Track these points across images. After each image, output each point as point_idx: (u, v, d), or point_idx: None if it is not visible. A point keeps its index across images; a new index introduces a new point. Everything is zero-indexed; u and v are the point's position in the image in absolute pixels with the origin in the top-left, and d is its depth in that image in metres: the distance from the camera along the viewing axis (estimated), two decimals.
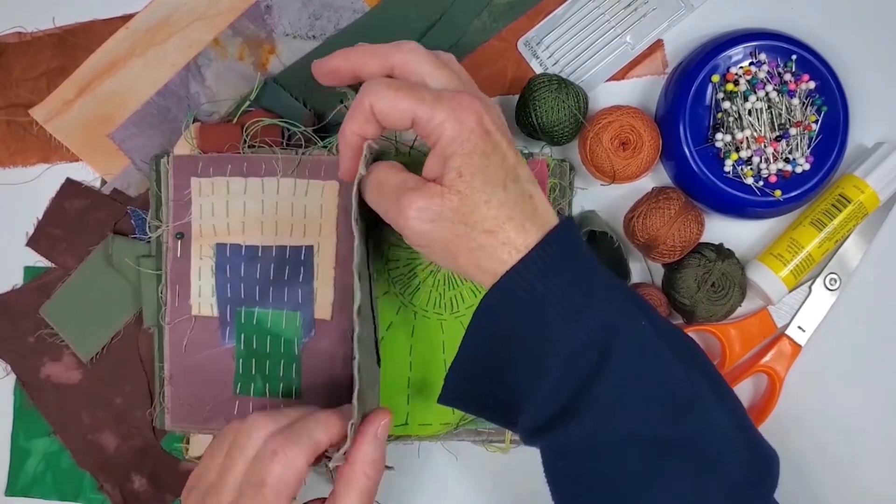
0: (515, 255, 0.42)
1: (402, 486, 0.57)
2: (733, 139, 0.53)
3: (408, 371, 0.54)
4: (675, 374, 0.42)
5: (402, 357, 0.54)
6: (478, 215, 0.42)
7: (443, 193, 0.42)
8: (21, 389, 0.58)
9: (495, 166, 0.42)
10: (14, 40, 0.58)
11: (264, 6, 0.58)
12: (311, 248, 0.54)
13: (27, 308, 0.57)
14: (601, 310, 0.42)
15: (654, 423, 0.42)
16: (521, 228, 0.42)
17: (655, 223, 0.53)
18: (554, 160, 0.56)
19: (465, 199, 0.42)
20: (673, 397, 0.42)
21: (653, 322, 0.43)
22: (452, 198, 0.42)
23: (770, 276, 0.55)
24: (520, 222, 0.42)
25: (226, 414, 0.54)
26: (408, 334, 0.55)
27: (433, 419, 0.54)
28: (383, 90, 0.43)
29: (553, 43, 0.57)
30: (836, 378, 0.58)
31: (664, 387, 0.42)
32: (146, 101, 0.58)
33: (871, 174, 0.55)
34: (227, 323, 0.54)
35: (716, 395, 0.44)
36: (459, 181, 0.42)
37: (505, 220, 0.42)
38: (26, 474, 0.57)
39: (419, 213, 0.42)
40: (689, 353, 0.45)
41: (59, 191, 0.58)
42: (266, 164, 0.54)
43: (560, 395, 0.42)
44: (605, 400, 0.41)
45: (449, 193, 0.42)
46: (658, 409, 0.42)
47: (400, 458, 0.56)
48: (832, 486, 0.57)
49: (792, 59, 0.54)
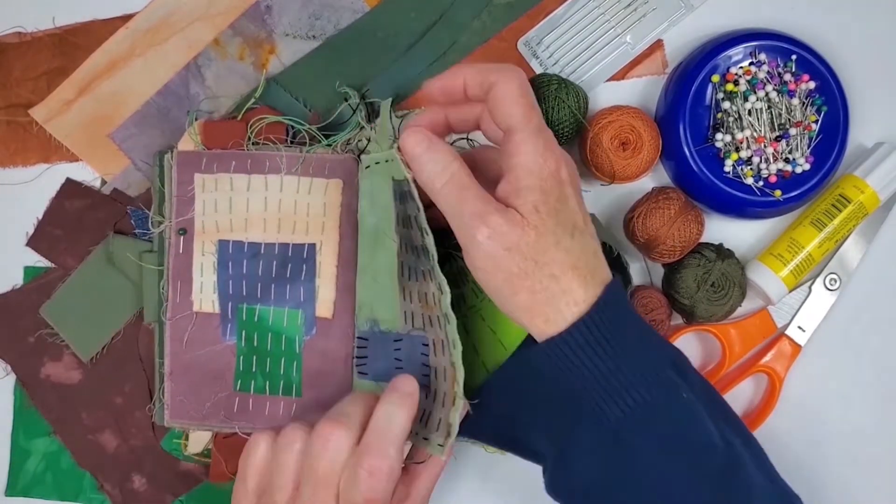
0: (574, 308, 0.41)
1: None
2: (733, 139, 0.54)
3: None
4: (714, 438, 0.42)
5: None
6: (548, 256, 0.41)
7: (523, 224, 0.41)
8: (21, 389, 0.58)
9: (565, 214, 0.42)
10: (14, 40, 0.58)
11: (264, 6, 0.58)
12: (314, 245, 0.54)
13: (27, 308, 0.57)
14: (643, 387, 0.41)
15: (697, 493, 0.41)
16: (583, 281, 0.42)
17: (655, 223, 0.53)
18: None
19: (541, 236, 0.41)
20: (713, 465, 0.42)
21: (691, 384, 0.43)
22: (530, 231, 0.41)
23: (770, 276, 0.55)
24: (583, 274, 0.42)
25: (225, 410, 0.54)
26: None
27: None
28: (524, 76, 0.43)
29: (553, 43, 0.57)
30: (836, 378, 0.58)
31: (704, 455, 0.42)
32: (146, 102, 0.58)
33: (871, 174, 0.55)
34: (229, 320, 0.54)
35: (749, 451, 0.44)
36: (536, 216, 0.41)
37: (570, 268, 0.42)
38: (26, 474, 0.57)
39: (497, 237, 0.41)
40: (722, 409, 0.46)
41: (59, 191, 0.58)
42: (270, 161, 0.54)
43: (591, 467, 0.42)
44: (640, 472, 0.41)
45: (528, 226, 0.41)
46: (699, 479, 0.42)
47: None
48: (832, 485, 0.57)
49: (792, 59, 0.54)
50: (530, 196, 0.41)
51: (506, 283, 0.42)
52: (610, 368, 0.41)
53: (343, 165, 0.54)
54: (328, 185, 0.54)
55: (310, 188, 0.54)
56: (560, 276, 0.41)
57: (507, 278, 0.42)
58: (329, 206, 0.54)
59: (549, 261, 0.41)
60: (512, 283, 0.42)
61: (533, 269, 0.41)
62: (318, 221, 0.54)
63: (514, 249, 0.41)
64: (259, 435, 0.45)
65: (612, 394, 0.41)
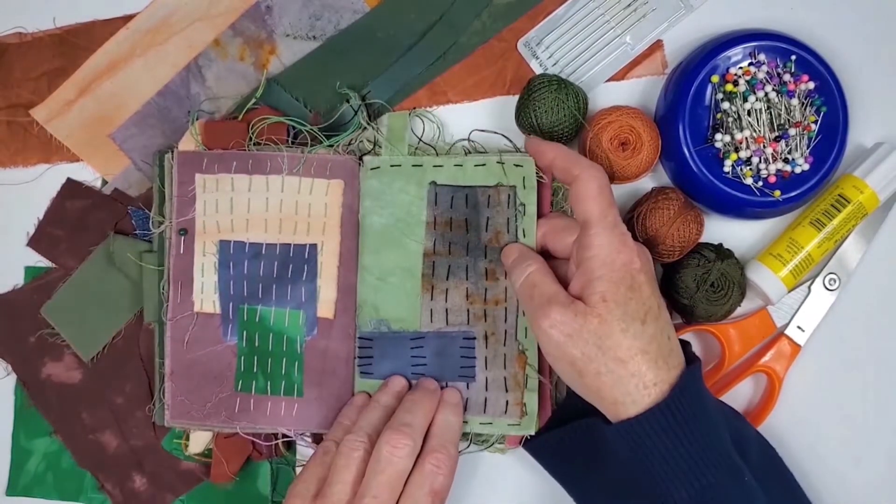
0: (643, 392, 0.44)
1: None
2: (732, 139, 0.54)
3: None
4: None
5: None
6: (612, 341, 0.44)
7: (586, 313, 0.44)
8: (22, 389, 0.58)
9: (637, 301, 0.45)
10: (15, 41, 0.58)
11: (265, 7, 0.58)
12: (315, 246, 0.54)
13: (28, 308, 0.58)
14: (709, 472, 0.43)
15: None
16: (654, 364, 0.44)
17: (655, 223, 0.53)
18: None
19: (604, 323, 0.44)
20: None
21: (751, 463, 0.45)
22: (593, 319, 0.44)
23: (769, 276, 0.55)
24: (653, 358, 0.44)
25: (227, 411, 0.54)
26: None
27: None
28: (604, 174, 0.47)
29: (553, 43, 0.58)
30: (836, 378, 0.58)
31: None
32: (147, 102, 0.58)
33: (870, 174, 0.55)
34: (230, 320, 0.54)
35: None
36: (602, 305, 0.44)
37: (638, 352, 0.44)
38: (27, 474, 0.57)
39: (559, 325, 0.45)
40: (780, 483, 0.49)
41: (59, 191, 0.58)
42: (271, 161, 0.54)
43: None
44: None
45: (591, 315, 0.44)
46: None
47: None
48: (831, 485, 0.57)
49: (791, 59, 0.54)
50: (599, 286, 0.44)
51: (572, 367, 0.45)
52: (682, 454, 0.43)
53: (344, 166, 0.54)
54: (329, 186, 0.54)
55: (311, 189, 0.54)
56: (627, 361, 0.44)
57: (572, 362, 0.45)
58: (330, 207, 0.54)
59: (614, 345, 0.44)
60: (576, 367, 0.45)
61: (596, 354, 0.44)
62: (319, 222, 0.54)
63: (576, 335, 0.44)
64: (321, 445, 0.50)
65: (681, 476, 0.43)
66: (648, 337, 0.45)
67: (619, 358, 0.44)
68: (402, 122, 0.55)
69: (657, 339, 0.45)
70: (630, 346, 0.44)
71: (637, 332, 0.44)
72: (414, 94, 0.58)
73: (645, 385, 0.44)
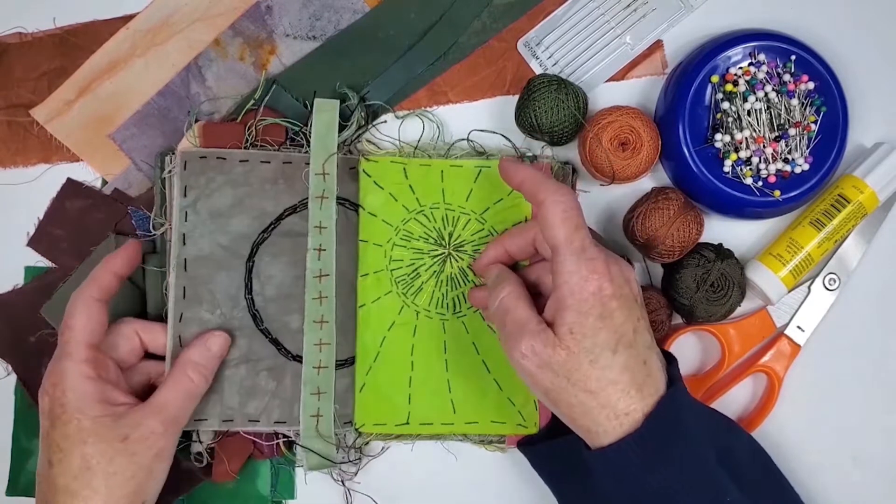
0: (614, 422, 0.44)
1: (401, 486, 0.57)
2: (732, 139, 0.54)
3: (409, 370, 0.55)
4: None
5: (403, 356, 0.55)
6: (580, 374, 0.44)
7: (555, 345, 0.44)
8: (22, 389, 0.58)
9: (607, 331, 0.44)
10: (15, 41, 0.58)
11: (265, 7, 0.58)
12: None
13: (28, 308, 0.57)
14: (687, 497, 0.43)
15: None
16: (625, 394, 0.44)
17: (655, 223, 0.53)
18: (557, 163, 0.56)
19: (572, 356, 0.44)
20: None
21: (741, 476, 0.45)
22: (561, 352, 0.44)
23: (769, 276, 0.55)
24: (624, 388, 0.44)
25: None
26: (410, 334, 0.55)
27: (434, 418, 0.54)
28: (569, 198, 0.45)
29: (553, 43, 0.58)
30: (835, 377, 0.58)
31: None
32: (147, 102, 0.58)
33: (870, 174, 0.55)
34: None
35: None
36: (570, 338, 0.44)
37: (608, 384, 0.44)
38: (27, 474, 0.57)
39: (530, 357, 0.44)
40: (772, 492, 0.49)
41: (59, 191, 0.58)
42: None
43: None
44: None
45: (559, 347, 0.44)
46: None
47: (399, 458, 0.57)
48: (831, 485, 0.57)
49: (791, 59, 0.54)
50: (568, 317, 0.44)
51: (545, 396, 0.46)
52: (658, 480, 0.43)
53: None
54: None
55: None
56: (597, 392, 0.44)
57: (545, 392, 0.45)
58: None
59: (583, 378, 0.44)
60: (549, 396, 0.45)
61: (566, 385, 0.44)
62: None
63: (546, 367, 0.44)
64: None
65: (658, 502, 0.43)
66: (620, 367, 0.44)
67: (589, 390, 0.44)
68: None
69: (630, 367, 0.44)
70: (599, 377, 0.43)
71: (607, 363, 0.44)
72: (414, 94, 0.58)
73: (616, 415, 0.43)
